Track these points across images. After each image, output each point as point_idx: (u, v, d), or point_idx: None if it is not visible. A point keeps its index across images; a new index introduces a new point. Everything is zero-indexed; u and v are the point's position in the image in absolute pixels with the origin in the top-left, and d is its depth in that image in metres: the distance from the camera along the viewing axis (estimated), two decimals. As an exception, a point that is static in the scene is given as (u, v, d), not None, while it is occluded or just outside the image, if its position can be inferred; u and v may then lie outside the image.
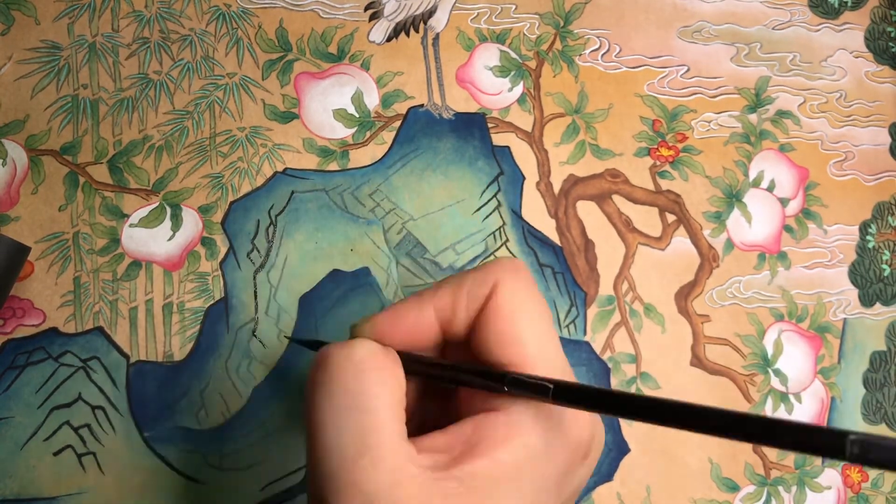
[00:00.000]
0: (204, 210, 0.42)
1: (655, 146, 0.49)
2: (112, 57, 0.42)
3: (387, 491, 0.27)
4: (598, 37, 0.49)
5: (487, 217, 0.46)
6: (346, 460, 0.27)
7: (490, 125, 0.47)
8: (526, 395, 0.29)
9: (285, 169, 0.43)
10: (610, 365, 0.46)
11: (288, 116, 0.44)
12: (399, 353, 0.31)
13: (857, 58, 0.54)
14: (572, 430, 0.29)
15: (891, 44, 0.54)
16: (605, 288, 0.47)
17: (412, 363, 0.31)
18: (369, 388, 0.28)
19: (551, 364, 0.30)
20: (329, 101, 0.44)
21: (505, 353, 0.30)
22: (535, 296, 0.31)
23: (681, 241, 0.49)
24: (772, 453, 0.48)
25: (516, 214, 0.46)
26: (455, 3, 0.47)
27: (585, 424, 0.30)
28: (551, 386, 0.28)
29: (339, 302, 0.43)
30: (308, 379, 0.30)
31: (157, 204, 0.42)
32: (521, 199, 0.47)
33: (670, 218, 0.49)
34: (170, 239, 0.42)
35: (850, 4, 0.54)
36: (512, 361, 0.30)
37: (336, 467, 0.27)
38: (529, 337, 0.30)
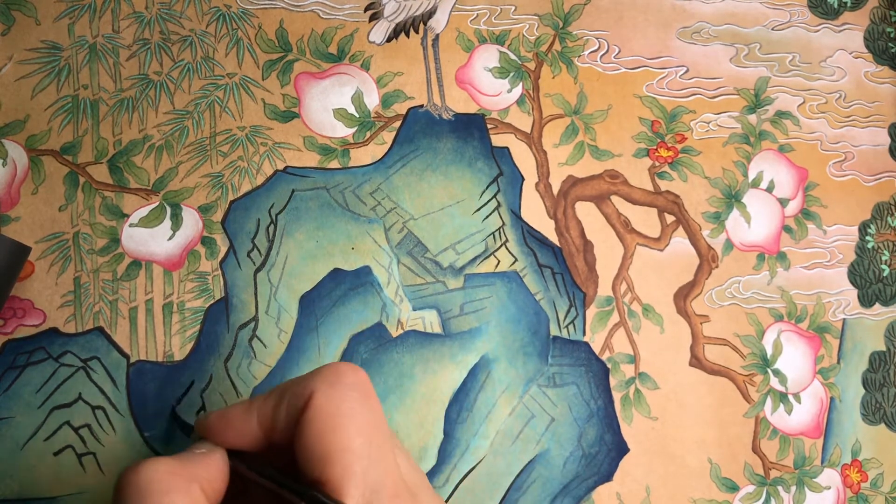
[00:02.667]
0: (204, 209, 0.42)
1: (654, 147, 0.49)
2: (112, 57, 0.42)
3: None
4: (597, 38, 0.49)
5: (487, 217, 0.46)
6: None
7: (489, 126, 0.47)
8: None
9: (286, 167, 0.43)
10: (609, 365, 0.46)
11: (288, 116, 0.44)
12: (230, 452, 0.31)
13: (856, 58, 0.54)
14: None
15: (890, 44, 0.54)
16: (604, 288, 0.47)
17: (238, 464, 0.31)
18: None
19: (362, 482, 0.29)
20: (329, 101, 0.45)
21: (314, 468, 0.29)
22: (352, 406, 0.30)
23: (680, 241, 0.49)
24: (771, 453, 0.48)
25: (516, 215, 0.46)
26: (455, 4, 0.47)
27: None
28: None
29: (339, 301, 0.43)
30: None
31: (157, 203, 0.42)
32: (521, 200, 0.47)
33: (669, 218, 0.49)
34: (170, 238, 0.42)
35: (849, 5, 0.54)
36: (320, 478, 0.29)
37: None
38: (337, 455, 0.29)
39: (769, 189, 0.51)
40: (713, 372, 0.48)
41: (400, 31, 0.46)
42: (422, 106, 0.46)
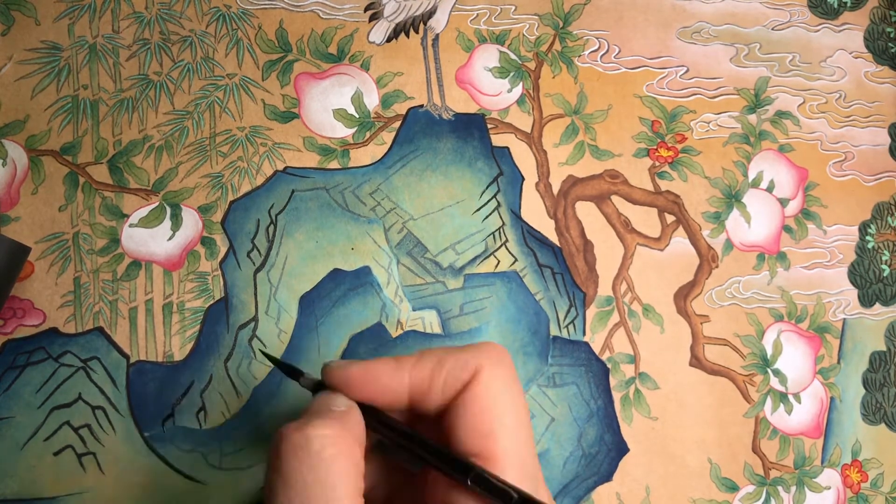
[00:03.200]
0: (204, 210, 0.42)
1: (654, 147, 0.49)
2: (112, 58, 0.42)
3: None
4: (597, 38, 0.49)
5: (487, 217, 0.46)
6: None
7: (489, 126, 0.47)
8: (487, 498, 0.28)
9: (285, 168, 0.43)
10: (609, 365, 0.46)
11: (288, 116, 0.44)
12: (365, 408, 0.31)
13: (856, 58, 0.54)
14: None
15: (890, 44, 0.54)
16: (604, 288, 0.47)
17: (380, 424, 0.31)
18: (323, 480, 0.27)
19: (520, 464, 0.29)
20: (329, 102, 0.45)
21: (476, 443, 0.29)
22: (516, 388, 0.30)
23: (680, 241, 0.49)
24: (771, 453, 0.48)
25: (516, 215, 0.46)
26: (455, 3, 0.47)
27: None
28: (515, 496, 0.27)
29: (339, 301, 0.43)
30: (268, 460, 0.29)
31: (156, 204, 0.42)
32: (521, 200, 0.47)
33: (669, 218, 0.49)
34: (170, 239, 0.42)
35: (849, 5, 0.54)
36: (481, 454, 0.29)
37: None
38: (504, 433, 0.29)
39: (769, 189, 0.51)
40: (713, 372, 0.48)
41: (400, 31, 0.46)
42: (422, 106, 0.46)
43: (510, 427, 0.29)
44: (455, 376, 0.30)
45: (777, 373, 0.49)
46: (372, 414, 0.31)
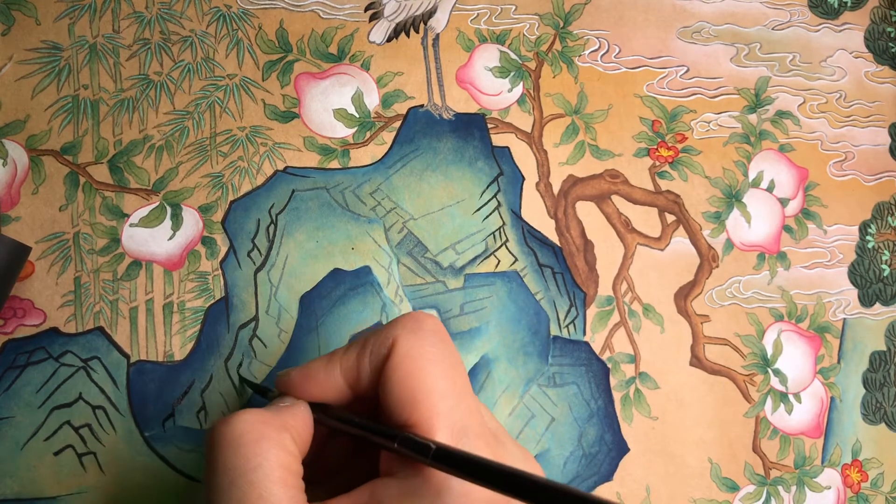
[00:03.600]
0: (204, 209, 0.42)
1: (655, 146, 0.49)
2: (113, 58, 0.42)
3: None
4: (597, 37, 0.49)
5: (487, 217, 0.46)
6: None
7: (490, 126, 0.47)
8: (410, 456, 0.28)
9: (286, 167, 0.43)
10: (609, 365, 0.46)
11: (288, 116, 0.44)
12: (316, 406, 0.32)
13: (856, 58, 0.54)
14: (474, 491, 0.29)
15: (890, 44, 0.54)
16: (605, 288, 0.47)
17: (322, 415, 0.32)
18: (247, 462, 0.28)
19: (451, 420, 0.29)
20: (329, 102, 0.45)
21: (402, 413, 0.30)
22: (433, 350, 0.31)
23: (680, 241, 0.49)
24: (772, 453, 0.48)
25: (516, 215, 0.46)
26: (455, 3, 0.47)
27: (478, 499, 0.29)
28: (433, 447, 0.28)
29: (339, 301, 0.43)
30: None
31: (157, 203, 0.42)
32: (521, 200, 0.47)
33: (670, 218, 0.49)
34: (170, 238, 0.42)
35: (849, 5, 0.54)
36: (408, 421, 0.29)
37: None
38: (424, 397, 0.30)
39: (769, 189, 0.51)
40: (713, 372, 0.48)
41: (400, 30, 0.46)
42: (422, 106, 0.46)
43: (431, 388, 0.30)
44: (376, 353, 0.31)
45: (777, 372, 0.49)
46: (322, 410, 0.32)
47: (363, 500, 0.29)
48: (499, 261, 0.46)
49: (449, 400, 0.30)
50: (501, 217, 0.46)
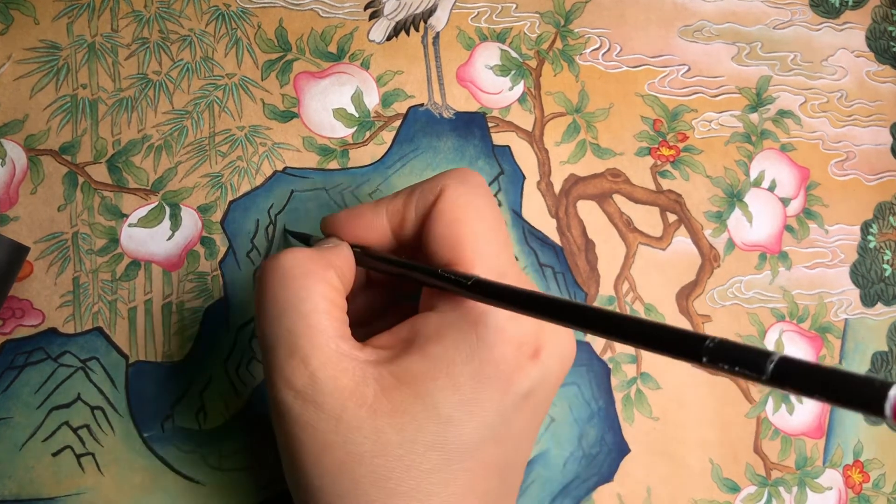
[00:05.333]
0: (203, 209, 0.42)
1: (656, 146, 0.49)
2: (111, 57, 0.42)
3: (319, 384, 0.28)
4: (598, 36, 0.49)
5: (488, 217, 0.45)
6: (279, 361, 0.29)
7: (490, 124, 0.46)
8: (450, 289, 0.29)
9: (285, 168, 0.43)
10: (610, 365, 0.46)
11: (287, 116, 0.44)
12: (354, 247, 0.34)
13: (858, 57, 0.53)
14: (509, 327, 0.30)
15: (892, 43, 0.54)
16: (606, 288, 0.47)
17: (363, 256, 0.33)
18: (295, 294, 0.30)
19: (492, 264, 0.31)
20: (329, 101, 0.44)
21: (446, 253, 0.31)
22: (482, 200, 0.32)
23: (682, 240, 0.49)
24: (773, 453, 0.48)
25: (517, 214, 0.46)
26: (455, 1, 0.47)
27: (526, 322, 0.30)
28: (470, 282, 0.29)
29: (338, 302, 0.43)
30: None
31: (156, 203, 0.42)
32: (522, 199, 0.46)
33: (671, 218, 0.49)
34: (169, 239, 0.41)
35: (850, 4, 0.54)
36: (452, 261, 0.31)
37: (273, 367, 0.29)
38: (468, 241, 0.31)
39: (771, 188, 0.51)
40: (715, 372, 0.48)
41: (400, 29, 0.46)
42: (422, 105, 0.46)
43: (476, 233, 0.31)
44: (424, 199, 0.32)
45: (779, 373, 0.49)
46: (363, 253, 0.34)
47: (403, 334, 0.31)
48: (499, 261, 0.45)
49: (492, 245, 0.32)
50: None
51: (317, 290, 0.30)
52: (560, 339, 0.32)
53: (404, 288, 0.37)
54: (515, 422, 0.31)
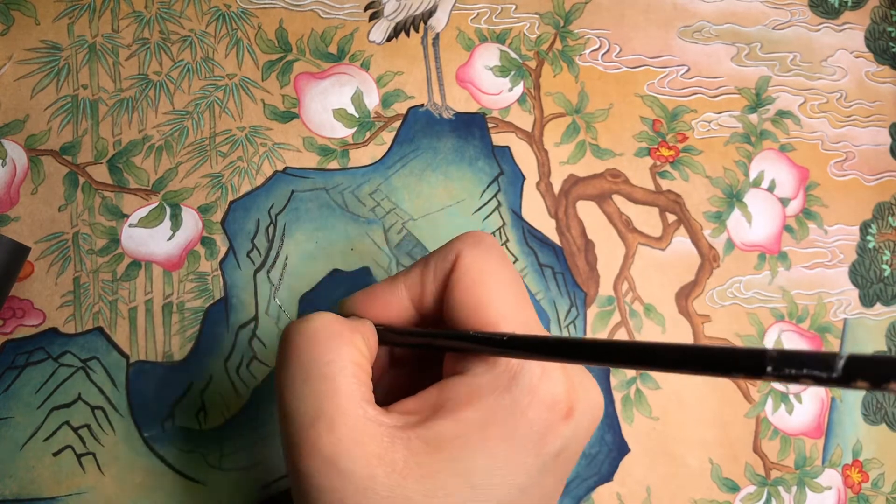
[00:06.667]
0: (204, 210, 0.42)
1: (656, 146, 0.49)
2: (112, 57, 0.42)
3: (346, 451, 0.27)
4: (598, 37, 0.49)
5: (487, 217, 0.46)
6: (304, 426, 0.28)
7: (490, 125, 0.47)
8: (482, 350, 0.29)
9: (285, 168, 0.43)
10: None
11: (288, 116, 0.44)
12: (377, 325, 0.33)
13: (857, 58, 0.53)
14: (542, 386, 0.29)
15: (891, 44, 0.54)
16: (605, 288, 0.47)
17: (387, 333, 0.33)
18: (322, 356, 0.29)
19: (516, 324, 0.31)
20: (329, 101, 0.44)
21: (469, 318, 0.31)
22: (498, 261, 0.32)
23: (681, 241, 0.49)
24: (772, 453, 0.48)
25: (516, 214, 0.46)
26: (455, 2, 0.47)
27: (558, 380, 0.30)
28: (505, 338, 0.28)
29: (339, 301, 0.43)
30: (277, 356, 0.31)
31: (156, 204, 0.42)
32: (522, 199, 0.46)
33: (671, 218, 0.49)
34: (169, 239, 0.42)
35: (850, 4, 0.54)
36: (476, 325, 0.31)
37: (296, 433, 0.28)
38: (490, 301, 0.31)
39: (770, 189, 0.51)
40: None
41: (400, 30, 0.46)
42: (422, 105, 0.46)
43: (495, 296, 0.31)
44: (440, 268, 0.32)
45: (778, 373, 0.49)
46: (386, 329, 0.33)
47: (432, 399, 0.30)
48: (499, 261, 0.45)
49: (514, 304, 0.31)
50: (502, 217, 0.46)
51: (343, 353, 0.29)
52: (591, 395, 0.31)
53: (429, 361, 0.36)
54: (545, 481, 0.30)
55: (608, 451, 0.45)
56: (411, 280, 0.33)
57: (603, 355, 0.25)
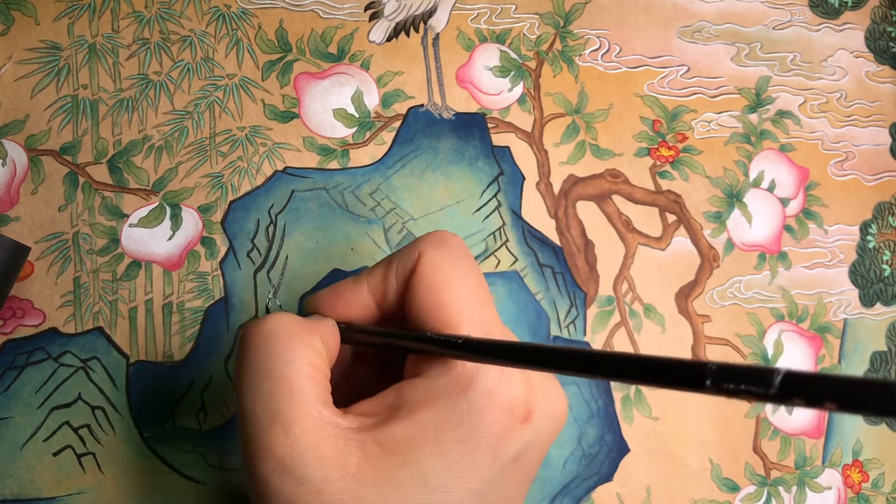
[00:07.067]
0: (204, 209, 0.42)
1: (655, 146, 0.49)
2: (112, 57, 0.42)
3: (300, 453, 0.27)
4: (598, 37, 0.49)
5: (487, 217, 0.46)
6: (259, 427, 0.28)
7: (490, 125, 0.47)
8: (439, 352, 0.29)
9: (285, 168, 0.43)
10: (610, 365, 0.46)
11: (288, 116, 0.44)
12: (339, 324, 0.33)
13: (857, 58, 0.53)
14: (499, 389, 0.29)
15: (891, 44, 0.54)
16: (605, 288, 0.47)
17: (349, 332, 0.33)
18: (278, 357, 0.29)
19: (477, 323, 0.30)
20: (329, 101, 0.44)
21: (429, 318, 0.31)
22: (461, 262, 0.32)
23: (681, 241, 0.49)
24: (772, 453, 0.48)
25: (516, 214, 0.46)
26: (455, 3, 0.47)
27: (516, 384, 0.30)
28: (460, 340, 0.28)
29: (338, 302, 0.43)
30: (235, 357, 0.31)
31: (156, 204, 0.42)
32: (521, 200, 0.47)
33: (670, 218, 0.49)
34: (169, 239, 0.42)
35: (850, 4, 0.54)
36: (436, 326, 0.30)
37: (251, 435, 0.28)
38: (450, 302, 0.31)
39: (770, 189, 0.51)
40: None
41: (400, 30, 0.46)
42: (422, 105, 0.46)
43: (458, 294, 0.31)
44: (402, 267, 0.32)
45: (778, 373, 0.49)
46: (348, 328, 0.33)
47: (388, 401, 0.30)
48: (499, 261, 0.45)
49: (475, 305, 0.31)
50: (501, 217, 0.46)
51: (301, 353, 0.29)
52: (551, 399, 0.31)
53: (391, 357, 0.36)
54: (504, 486, 0.30)
55: (608, 451, 0.45)
56: (375, 279, 0.33)
57: (548, 361, 0.25)
